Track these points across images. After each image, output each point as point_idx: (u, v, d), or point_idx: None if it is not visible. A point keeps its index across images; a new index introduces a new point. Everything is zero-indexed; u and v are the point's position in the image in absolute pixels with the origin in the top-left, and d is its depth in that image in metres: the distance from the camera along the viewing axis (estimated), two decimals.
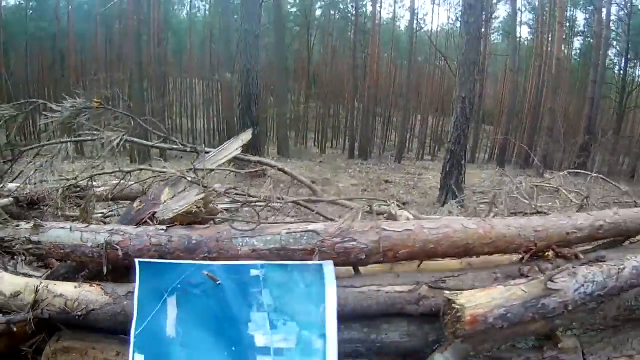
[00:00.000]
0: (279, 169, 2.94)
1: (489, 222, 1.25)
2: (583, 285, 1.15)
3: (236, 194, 2.00)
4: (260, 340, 1.19)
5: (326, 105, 18.39)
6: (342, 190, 8.26)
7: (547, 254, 1.33)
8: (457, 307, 1.05)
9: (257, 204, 1.83)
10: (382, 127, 18.83)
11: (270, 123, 16.35)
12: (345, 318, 1.21)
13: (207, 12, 19.66)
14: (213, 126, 16.90)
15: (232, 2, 13.62)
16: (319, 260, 1.13)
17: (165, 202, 1.53)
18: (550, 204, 3.31)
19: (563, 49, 19.49)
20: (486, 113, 19.37)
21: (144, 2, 15.17)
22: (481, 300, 1.06)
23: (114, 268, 1.53)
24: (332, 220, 1.92)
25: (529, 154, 15.02)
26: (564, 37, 25.07)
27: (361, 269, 1.40)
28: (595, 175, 4.42)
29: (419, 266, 1.44)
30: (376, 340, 1.16)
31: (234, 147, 2.06)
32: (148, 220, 1.59)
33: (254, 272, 1.21)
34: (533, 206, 2.56)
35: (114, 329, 1.48)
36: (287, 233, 1.24)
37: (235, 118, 10.17)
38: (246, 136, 2.15)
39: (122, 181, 2.41)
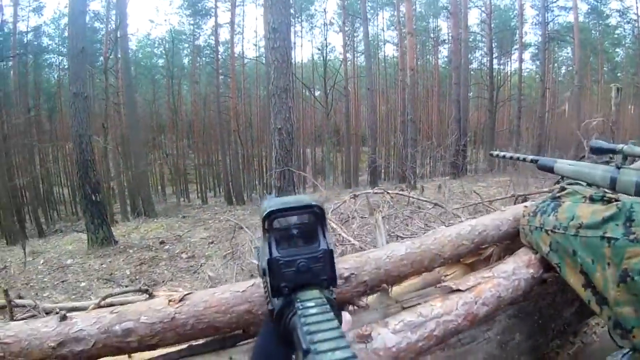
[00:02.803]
0: None
1: None
2: None
3: None
4: None
5: (201, 155, 18.12)
6: (188, 246, 7.90)
7: None
8: None
9: None
10: (260, 167, 18.51)
11: (128, 184, 14.55)
12: None
13: None
14: None
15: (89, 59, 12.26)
16: None
17: None
18: None
19: (417, 59, 21.20)
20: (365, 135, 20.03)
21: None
22: None
23: None
24: None
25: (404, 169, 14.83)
26: (427, 47, 27.75)
27: None
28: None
29: None
30: None
31: None
32: None
33: None
34: None
35: None
36: None
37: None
38: None
39: None
